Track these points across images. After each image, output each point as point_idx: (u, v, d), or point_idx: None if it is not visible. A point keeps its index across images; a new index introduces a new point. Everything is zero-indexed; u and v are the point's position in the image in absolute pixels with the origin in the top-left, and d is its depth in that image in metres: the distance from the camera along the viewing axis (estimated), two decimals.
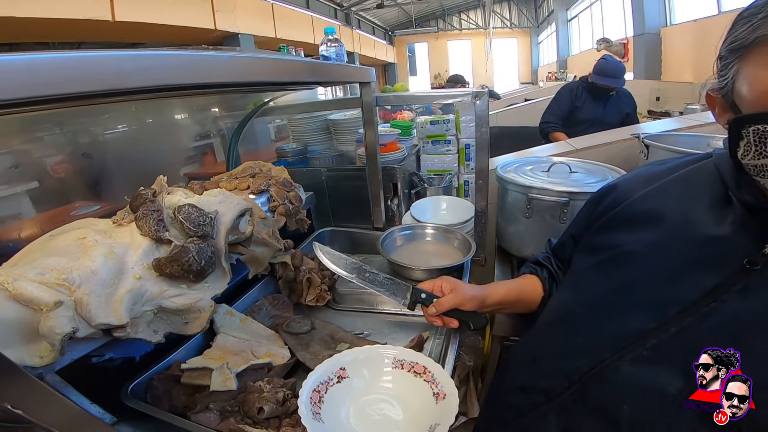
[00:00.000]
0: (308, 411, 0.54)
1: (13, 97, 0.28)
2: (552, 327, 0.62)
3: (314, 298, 0.90)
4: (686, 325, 0.45)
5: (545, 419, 0.53)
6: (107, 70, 0.35)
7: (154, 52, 0.39)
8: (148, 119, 1.22)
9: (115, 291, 0.57)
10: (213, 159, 1.44)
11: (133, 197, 0.68)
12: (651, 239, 0.53)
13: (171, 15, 3.98)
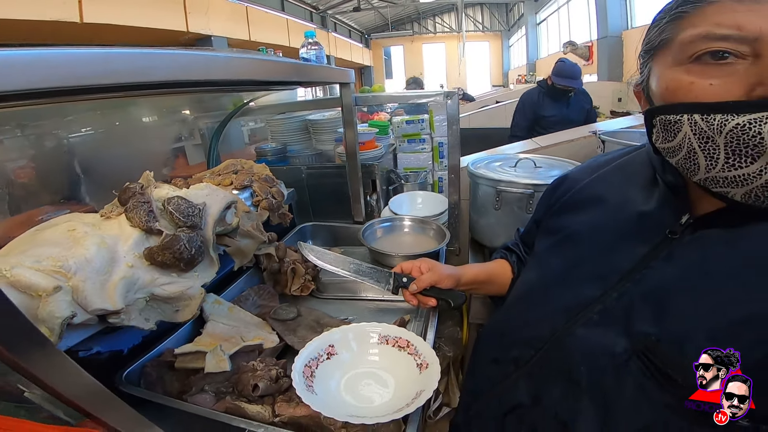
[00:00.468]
0: (302, 384, 0.57)
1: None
2: (517, 302, 0.67)
3: (299, 287, 0.94)
4: (624, 291, 0.49)
5: (516, 386, 0.57)
6: (118, 66, 0.39)
7: (156, 51, 0.43)
8: (116, 122, 1.22)
9: (109, 278, 0.60)
10: (185, 162, 1.44)
11: (121, 191, 0.71)
12: (594, 219, 0.59)
13: (142, 17, 3.89)
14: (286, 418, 0.59)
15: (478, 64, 16.14)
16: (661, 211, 0.51)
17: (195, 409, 0.60)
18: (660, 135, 0.46)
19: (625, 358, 0.46)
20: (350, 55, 12.01)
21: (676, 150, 0.44)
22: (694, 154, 0.42)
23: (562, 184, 0.70)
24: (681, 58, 0.42)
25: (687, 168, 0.44)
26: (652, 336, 0.44)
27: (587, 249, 0.57)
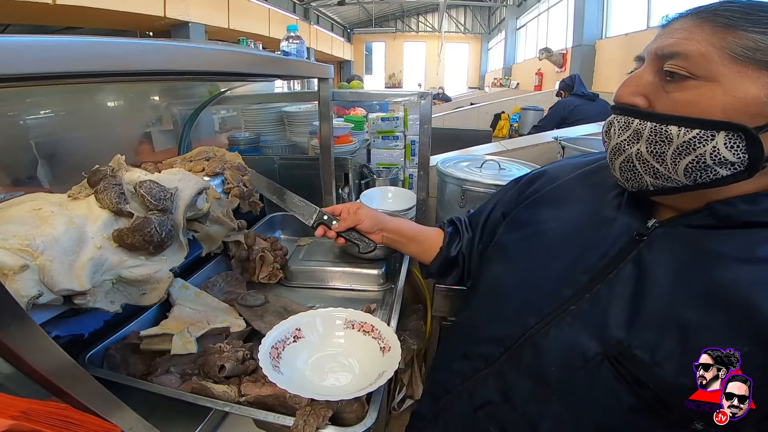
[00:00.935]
0: (268, 364, 0.59)
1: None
2: (487, 296, 0.66)
3: (267, 275, 0.96)
4: (596, 292, 0.50)
5: (486, 383, 0.57)
6: (104, 53, 0.41)
7: (138, 42, 0.45)
8: (80, 106, 1.19)
9: (77, 258, 0.61)
10: (150, 148, 1.43)
11: (91, 172, 0.71)
12: (567, 218, 0.59)
13: (117, 0, 3.76)
14: (252, 398, 0.61)
15: (457, 65, 16.35)
16: (628, 216, 0.53)
17: (160, 390, 0.61)
18: None
19: (597, 361, 0.47)
20: (331, 48, 11.92)
21: None
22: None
23: (540, 178, 0.70)
24: None
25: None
26: (624, 341, 0.45)
27: (559, 248, 0.57)
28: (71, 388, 0.39)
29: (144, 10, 4.15)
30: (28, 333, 0.34)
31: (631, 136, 0.47)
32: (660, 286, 0.46)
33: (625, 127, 0.48)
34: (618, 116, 0.49)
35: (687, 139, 0.42)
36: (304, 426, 0.55)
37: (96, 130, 1.24)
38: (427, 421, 0.67)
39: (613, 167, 0.51)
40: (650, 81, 0.46)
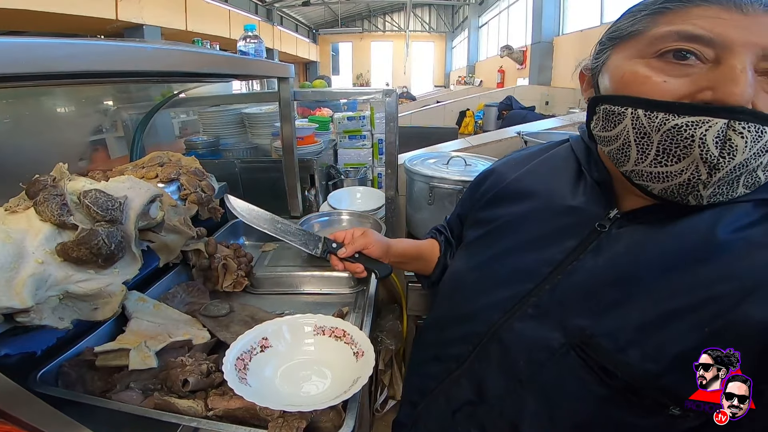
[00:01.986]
0: (234, 376, 0.56)
1: None
2: (451, 295, 0.66)
3: (231, 283, 0.93)
4: (557, 283, 0.50)
5: (460, 384, 0.57)
6: (37, 54, 0.37)
7: (81, 42, 0.41)
8: (24, 111, 1.11)
9: (16, 275, 0.56)
10: (106, 155, 1.35)
11: (29, 183, 0.66)
12: (524, 211, 0.59)
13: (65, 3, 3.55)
14: (221, 411, 0.58)
15: (423, 64, 16.53)
16: (589, 205, 0.52)
17: (121, 407, 0.57)
18: (600, 123, 0.47)
19: (562, 353, 0.47)
20: (296, 49, 11.77)
21: (613, 140, 0.46)
22: (629, 147, 0.44)
23: (488, 177, 0.70)
24: (646, 51, 0.43)
25: (617, 158, 0.46)
26: (586, 330, 0.45)
27: (517, 241, 0.57)
28: (17, 411, 0.38)
29: (94, 13, 3.96)
30: None
31: (763, 147, 0.38)
32: (618, 273, 0.46)
33: (758, 137, 0.38)
34: (747, 123, 0.37)
35: None
36: None
37: (39, 137, 1.15)
38: (407, 429, 0.66)
39: (709, 187, 0.40)
40: (750, 81, 0.39)
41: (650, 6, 0.44)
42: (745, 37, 0.38)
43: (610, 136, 0.46)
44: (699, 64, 0.40)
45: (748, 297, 0.38)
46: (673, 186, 0.42)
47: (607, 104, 0.46)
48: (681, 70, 0.41)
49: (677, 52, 0.41)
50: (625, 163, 0.45)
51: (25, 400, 0.39)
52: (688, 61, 0.40)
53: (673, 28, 0.41)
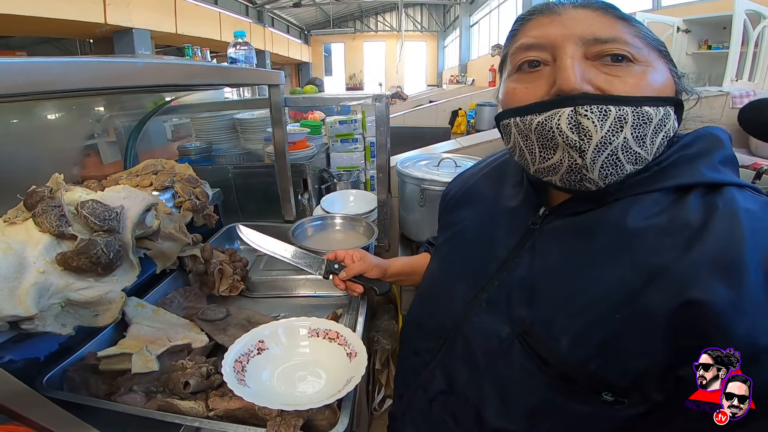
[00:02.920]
0: (233, 378, 0.59)
1: None
2: (425, 294, 0.70)
3: (227, 288, 0.95)
4: (503, 279, 0.54)
5: (434, 375, 0.60)
6: (25, 74, 0.40)
7: (76, 60, 0.44)
8: (12, 119, 1.12)
9: (19, 284, 0.58)
10: (98, 161, 1.37)
11: (27, 195, 0.68)
12: (477, 215, 0.65)
13: (54, 8, 3.53)
14: (221, 412, 0.61)
15: (416, 64, 16.55)
16: (525, 206, 0.57)
17: (126, 409, 0.60)
18: (504, 138, 0.54)
19: (509, 343, 0.50)
20: (288, 51, 11.75)
21: (513, 150, 0.52)
22: (523, 152, 0.49)
23: (455, 183, 0.76)
24: (511, 69, 0.51)
25: (523, 164, 0.51)
26: (526, 320, 0.48)
27: (472, 242, 0.62)
28: (29, 412, 0.40)
29: (83, 17, 3.94)
30: None
31: (615, 125, 0.42)
32: (549, 267, 0.50)
33: (603, 116, 0.42)
34: (588, 107, 0.42)
35: (660, 117, 0.44)
36: None
37: (31, 146, 1.16)
38: (398, 421, 0.69)
39: (591, 169, 0.44)
40: (586, 68, 0.44)
41: (509, 33, 0.54)
42: (562, 33, 0.46)
43: (511, 147, 0.52)
44: (545, 68, 0.47)
45: (652, 282, 0.40)
46: (564, 175, 0.46)
47: (500, 120, 0.52)
48: (535, 76, 0.48)
49: (527, 63, 0.48)
50: (529, 167, 0.50)
51: (37, 402, 0.40)
52: (539, 68, 0.48)
53: (517, 44, 0.50)
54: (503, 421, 0.51)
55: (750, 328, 0.36)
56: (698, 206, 0.43)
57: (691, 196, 0.44)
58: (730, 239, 0.39)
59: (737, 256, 0.38)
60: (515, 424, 0.50)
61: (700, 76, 3.19)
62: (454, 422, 0.57)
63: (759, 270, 0.37)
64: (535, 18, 0.49)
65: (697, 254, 0.39)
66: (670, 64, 0.47)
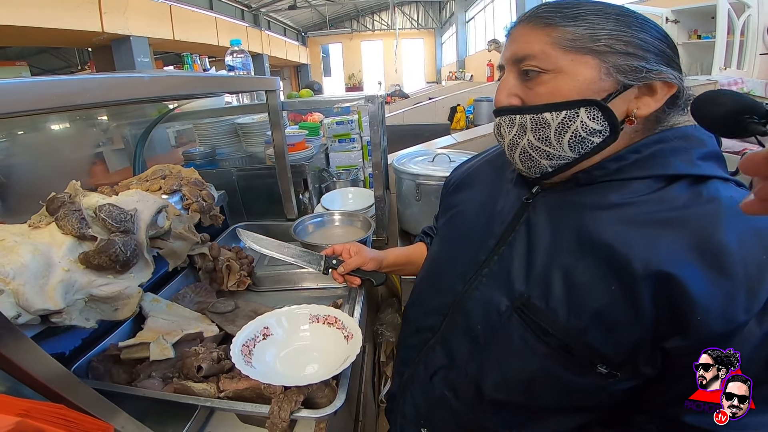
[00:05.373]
0: (241, 360, 0.65)
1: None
2: (426, 274, 0.75)
3: (235, 283, 1.01)
4: (502, 253, 0.58)
5: (434, 351, 0.64)
6: (50, 92, 0.45)
7: (81, 78, 0.49)
8: (25, 132, 1.19)
9: (47, 282, 0.64)
10: (104, 169, 1.43)
11: (48, 200, 0.74)
12: (477, 195, 0.69)
13: (51, 18, 3.58)
14: (231, 393, 0.66)
15: (414, 61, 16.55)
16: (520, 185, 0.62)
17: (146, 393, 0.65)
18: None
19: (508, 315, 0.54)
20: (286, 53, 11.79)
21: None
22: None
23: (457, 170, 0.81)
24: None
25: None
26: (524, 293, 0.52)
27: (474, 220, 0.66)
28: (66, 392, 0.44)
29: (80, 26, 3.98)
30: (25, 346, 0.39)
31: (519, 130, 0.53)
32: (543, 240, 0.54)
33: (511, 124, 0.54)
34: (502, 117, 0.55)
35: (560, 120, 0.50)
36: (279, 411, 0.62)
37: (42, 156, 1.23)
38: (398, 399, 0.74)
39: (515, 161, 0.57)
40: (515, 83, 0.54)
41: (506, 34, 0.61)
42: (506, 54, 0.55)
43: None
44: None
45: (634, 256, 0.45)
46: (513, 160, 0.57)
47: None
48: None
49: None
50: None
51: (73, 384, 0.44)
52: None
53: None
54: (502, 393, 0.55)
55: (726, 304, 0.40)
56: (683, 193, 0.47)
57: (678, 184, 0.48)
58: (711, 220, 0.44)
59: (717, 236, 0.42)
60: (513, 395, 0.55)
61: (692, 66, 3.22)
62: (454, 396, 0.61)
63: (738, 250, 0.41)
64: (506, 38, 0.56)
65: (678, 232, 0.44)
66: (608, 58, 0.48)
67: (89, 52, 6.25)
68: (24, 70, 4.30)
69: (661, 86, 0.49)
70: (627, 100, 0.49)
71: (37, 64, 7.12)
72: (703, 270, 0.41)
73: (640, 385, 0.48)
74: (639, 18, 0.50)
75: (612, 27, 0.48)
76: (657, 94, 0.49)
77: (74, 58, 7.61)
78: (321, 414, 0.63)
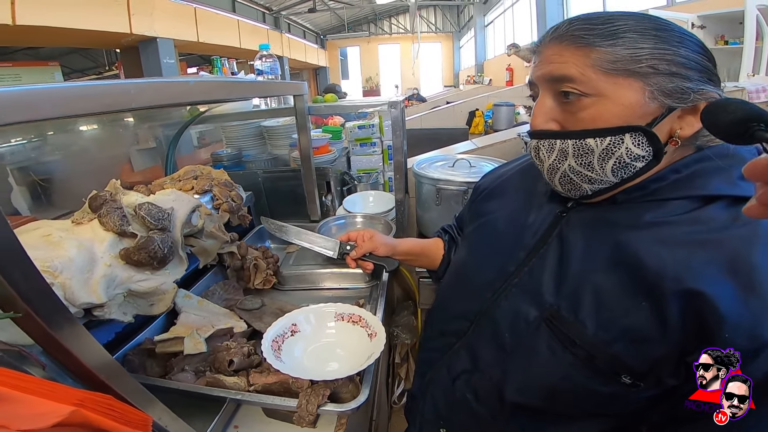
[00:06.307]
0: (271, 355, 0.68)
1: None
2: (453, 279, 0.75)
3: (261, 281, 1.04)
4: (533, 264, 0.58)
5: (458, 355, 0.65)
6: (105, 95, 0.49)
7: (135, 82, 0.53)
8: (60, 132, 1.23)
9: (91, 276, 0.68)
10: (129, 168, 1.48)
11: (91, 198, 0.77)
12: (509, 205, 0.69)
13: (81, 19, 3.71)
14: (260, 387, 0.69)
15: (431, 65, 16.54)
16: (555, 198, 0.61)
17: (179, 386, 0.68)
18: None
19: (536, 325, 0.54)
20: (305, 56, 11.92)
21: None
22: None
23: (487, 177, 0.82)
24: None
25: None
26: (554, 305, 0.53)
27: (504, 230, 0.66)
28: (112, 382, 0.46)
29: (109, 28, 4.10)
30: (79, 334, 0.42)
31: (559, 155, 0.52)
32: (575, 254, 0.54)
33: (550, 149, 0.53)
34: (541, 141, 0.54)
35: (604, 146, 0.49)
36: (307, 405, 0.64)
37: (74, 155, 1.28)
38: (418, 399, 0.76)
39: (554, 184, 0.56)
40: (552, 106, 0.52)
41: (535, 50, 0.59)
42: (538, 72, 0.53)
43: None
44: None
45: (667, 274, 0.45)
46: (555, 184, 0.56)
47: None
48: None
49: (531, 96, 0.57)
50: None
51: (118, 373, 0.47)
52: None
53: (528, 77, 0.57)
54: (524, 398, 0.56)
55: (754, 322, 0.41)
56: (720, 214, 0.47)
57: (715, 204, 0.48)
58: (746, 242, 0.44)
59: (750, 257, 0.43)
60: (535, 400, 0.56)
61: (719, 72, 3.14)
62: (476, 399, 0.62)
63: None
64: (536, 54, 0.54)
65: (712, 253, 0.44)
66: (651, 80, 0.46)
67: (117, 53, 6.45)
68: (56, 70, 4.45)
69: (704, 103, 0.47)
70: (671, 121, 0.48)
71: (67, 64, 7.37)
72: (733, 289, 0.42)
73: (662, 394, 0.48)
74: (677, 31, 0.48)
75: (652, 45, 0.46)
76: (700, 112, 0.46)
77: (102, 58, 7.85)
78: (345, 408, 0.65)
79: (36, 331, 0.39)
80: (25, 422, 0.31)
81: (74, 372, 0.45)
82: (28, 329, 0.39)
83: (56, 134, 1.26)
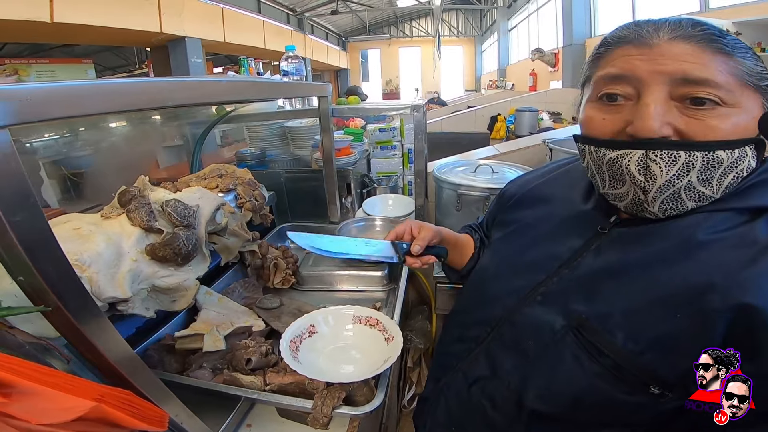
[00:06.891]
0: (288, 355, 0.68)
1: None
2: (476, 285, 0.74)
3: (281, 281, 1.04)
4: (563, 276, 0.57)
5: (477, 361, 0.64)
6: (142, 92, 0.50)
7: (168, 80, 0.53)
8: (89, 128, 1.27)
9: (118, 270, 0.69)
10: (156, 165, 1.52)
11: (120, 193, 0.79)
12: (541, 215, 0.67)
13: (115, 17, 3.85)
14: (276, 386, 0.69)
15: (452, 69, 16.49)
16: (596, 212, 0.60)
17: (197, 382, 0.69)
18: (579, 155, 0.57)
19: (562, 333, 0.53)
20: (327, 57, 12.04)
21: (586, 170, 0.56)
22: (594, 174, 0.54)
23: (515, 184, 0.79)
24: (594, 95, 0.52)
25: (594, 184, 0.55)
26: (582, 314, 0.52)
27: (534, 240, 0.65)
28: (133, 376, 0.46)
29: (141, 27, 4.23)
30: (105, 329, 0.42)
31: (682, 170, 0.46)
32: (609, 269, 0.53)
33: (672, 162, 0.45)
34: (658, 152, 0.45)
35: (732, 159, 0.45)
36: (322, 406, 0.64)
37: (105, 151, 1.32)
38: (430, 403, 0.74)
39: (652, 205, 0.49)
40: (668, 109, 0.46)
41: (593, 54, 0.54)
42: (652, 69, 0.45)
43: (585, 167, 0.56)
44: (627, 103, 0.48)
45: (714, 288, 0.44)
46: (628, 204, 0.51)
47: (576, 142, 0.56)
48: (615, 109, 0.49)
49: (608, 96, 0.50)
50: (600, 188, 0.54)
51: (138, 368, 0.47)
52: (618, 102, 0.49)
53: (601, 72, 0.50)
54: (545, 406, 0.55)
55: None
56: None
57: (764, 217, 0.46)
58: None
59: None
60: (556, 408, 0.54)
61: None
62: (492, 406, 0.61)
63: None
64: (626, 46, 0.48)
65: (762, 268, 0.43)
66: (766, 96, 0.46)
67: (147, 52, 6.64)
68: (89, 68, 4.59)
69: None
70: None
71: (100, 61, 7.65)
72: None
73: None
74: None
75: (758, 62, 0.46)
76: None
77: (133, 57, 8.12)
78: (360, 411, 0.65)
79: (64, 325, 0.40)
80: (47, 416, 0.31)
81: (97, 366, 0.45)
82: (56, 323, 0.40)
83: (87, 130, 1.30)
